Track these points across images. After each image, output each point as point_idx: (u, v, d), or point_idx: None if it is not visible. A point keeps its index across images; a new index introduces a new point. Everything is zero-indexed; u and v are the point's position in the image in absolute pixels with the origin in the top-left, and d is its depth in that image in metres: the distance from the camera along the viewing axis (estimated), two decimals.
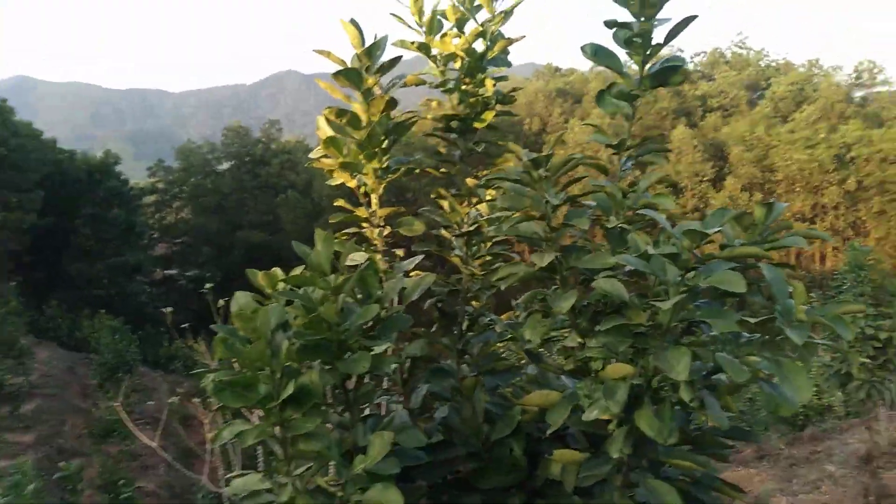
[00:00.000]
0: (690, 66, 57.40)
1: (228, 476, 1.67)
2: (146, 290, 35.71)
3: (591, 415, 1.48)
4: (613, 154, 1.73)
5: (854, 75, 51.97)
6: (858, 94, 50.30)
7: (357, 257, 1.99)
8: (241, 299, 1.61)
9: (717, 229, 1.24)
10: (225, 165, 45.48)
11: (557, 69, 63.30)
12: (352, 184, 2.19)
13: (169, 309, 5.48)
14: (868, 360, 8.56)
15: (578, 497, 1.67)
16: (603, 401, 1.46)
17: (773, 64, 57.59)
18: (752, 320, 1.26)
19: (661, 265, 1.31)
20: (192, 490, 10.37)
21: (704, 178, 40.61)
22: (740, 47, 60.70)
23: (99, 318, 20.28)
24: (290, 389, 1.48)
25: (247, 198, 42.04)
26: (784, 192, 39.04)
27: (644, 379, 1.49)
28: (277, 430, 1.52)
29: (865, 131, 36.79)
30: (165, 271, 39.38)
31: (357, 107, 2.10)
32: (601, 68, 1.79)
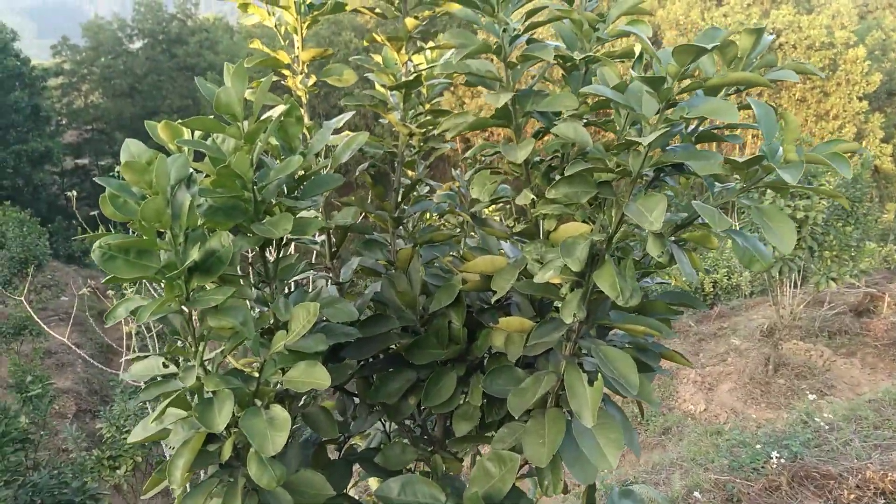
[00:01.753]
0: None
1: (127, 358, 1.44)
2: (57, 180, 33.64)
3: (544, 276, 1.31)
4: None
5: None
6: None
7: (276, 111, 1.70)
8: (132, 147, 1.32)
9: (713, 45, 1.03)
10: (138, 44, 42.12)
11: None
12: (269, 21, 1.86)
13: (73, 192, 5.01)
14: None
15: (521, 369, 1.54)
16: (559, 260, 1.28)
17: None
18: (738, 160, 1.09)
19: (639, 97, 1.10)
20: (111, 386, 10.14)
21: None
22: None
23: (4, 209, 18.95)
24: (194, 254, 1.23)
25: (163, 80, 39.29)
26: None
27: (604, 236, 1.32)
28: (183, 305, 1.29)
29: (796, 17, 36.98)
30: (77, 160, 37.04)
31: None
32: None
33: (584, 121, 1.50)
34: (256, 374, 1.33)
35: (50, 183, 32.67)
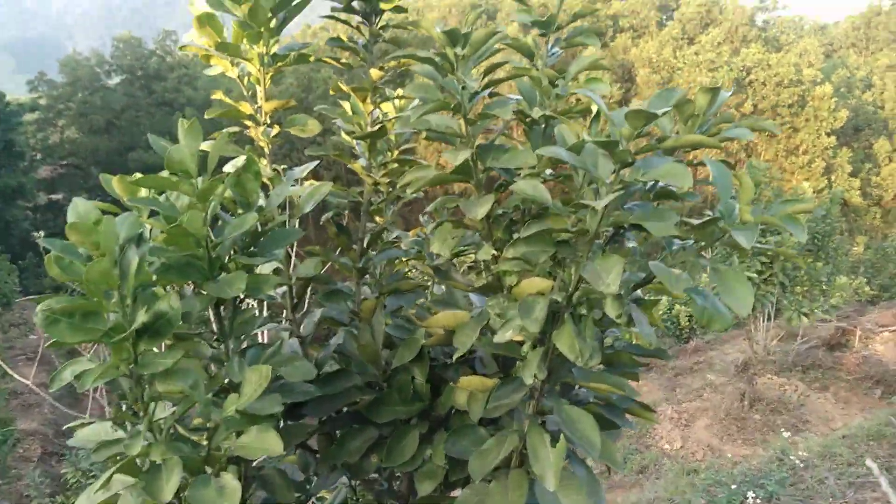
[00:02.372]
0: None
1: (69, 426, 1.38)
2: (29, 216, 33.20)
3: (504, 335, 1.29)
4: (540, 35, 1.48)
5: None
6: (761, 17, 51.80)
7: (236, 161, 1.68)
8: (79, 206, 1.28)
9: (666, 109, 1.03)
10: (116, 80, 42.06)
11: None
12: (233, 72, 1.84)
13: (40, 233, 4.91)
14: (755, 275, 8.95)
15: (484, 427, 1.51)
16: (518, 319, 1.26)
17: None
18: (694, 222, 1.08)
19: (594, 158, 1.10)
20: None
21: (612, 101, 41.08)
22: None
23: None
24: (142, 317, 1.19)
25: (141, 116, 39.18)
26: None
27: (563, 294, 1.30)
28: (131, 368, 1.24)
29: (765, 55, 38.05)
30: (51, 195, 36.62)
31: None
32: None
33: (548, 173, 1.50)
34: (202, 441, 1.28)
35: (22, 219, 32.21)
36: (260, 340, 2.93)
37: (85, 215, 1.24)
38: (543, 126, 1.45)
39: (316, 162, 1.96)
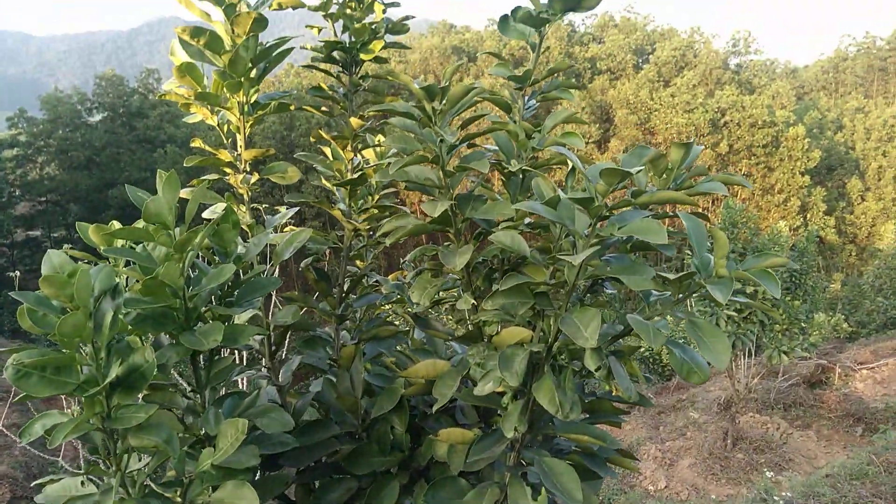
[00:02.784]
0: (581, 29, 58.75)
1: (38, 482, 1.34)
2: (6, 252, 32.79)
3: (484, 388, 1.28)
4: (517, 89, 1.51)
5: (731, 42, 55.12)
6: (734, 61, 53.39)
7: (215, 208, 1.68)
8: (54, 258, 1.27)
9: (638, 168, 1.05)
10: (97, 117, 42.04)
11: (452, 26, 63.00)
12: (212, 120, 1.85)
13: (17, 272, 4.83)
14: (735, 314, 9.00)
15: (465, 478, 1.49)
16: (498, 371, 1.26)
17: (659, 29, 59.91)
18: (671, 276, 1.10)
19: (571, 213, 1.11)
20: (51, 471, 9.57)
21: (590, 140, 41.85)
22: (629, 12, 62.95)
23: None
24: (116, 371, 1.17)
25: (122, 153, 39.13)
26: None
27: (543, 345, 1.30)
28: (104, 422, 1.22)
29: (739, 97, 39.05)
30: (29, 232, 36.21)
31: (218, 26, 1.74)
32: (496, 27, 1.57)
33: (527, 222, 1.51)
34: (175, 498, 1.25)
35: None
36: (240, 386, 2.89)
37: (59, 267, 1.23)
38: (521, 178, 1.47)
39: (295, 210, 1.96)
